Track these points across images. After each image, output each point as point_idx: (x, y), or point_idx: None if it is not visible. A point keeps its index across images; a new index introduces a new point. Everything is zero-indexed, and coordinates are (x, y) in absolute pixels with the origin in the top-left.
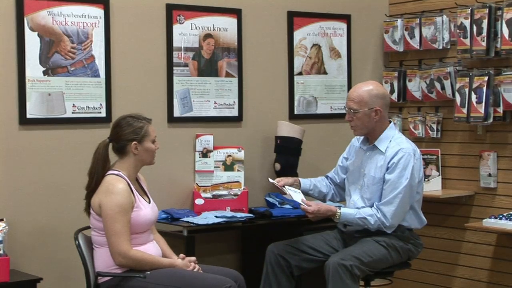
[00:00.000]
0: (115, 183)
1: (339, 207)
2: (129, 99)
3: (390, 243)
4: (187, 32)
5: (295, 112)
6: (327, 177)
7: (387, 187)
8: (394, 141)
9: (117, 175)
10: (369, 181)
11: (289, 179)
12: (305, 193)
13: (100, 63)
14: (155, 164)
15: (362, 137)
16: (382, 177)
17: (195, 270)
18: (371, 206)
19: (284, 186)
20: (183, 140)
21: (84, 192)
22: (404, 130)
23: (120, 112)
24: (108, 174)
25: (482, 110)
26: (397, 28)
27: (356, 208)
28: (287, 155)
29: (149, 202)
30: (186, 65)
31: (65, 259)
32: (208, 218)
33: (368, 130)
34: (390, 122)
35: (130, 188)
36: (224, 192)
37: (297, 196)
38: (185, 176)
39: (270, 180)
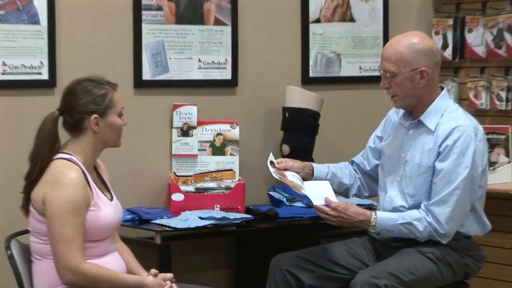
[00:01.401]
0: (66, 171)
1: (374, 210)
2: (80, 56)
3: (440, 256)
4: None
5: (311, 75)
6: (352, 162)
7: (439, 180)
8: (448, 116)
9: (68, 160)
10: (412, 171)
11: (296, 163)
12: None
13: (40, 4)
14: (119, 148)
15: (402, 111)
16: (431, 166)
17: None
18: (416, 206)
19: (285, 172)
20: (155, 113)
21: (21, 183)
22: (461, 100)
23: (68, 73)
24: (57, 159)
25: None
26: None
27: (393, 208)
28: (299, 134)
29: (111, 199)
30: (159, 8)
31: None
32: (190, 220)
33: (412, 100)
34: (442, 88)
35: (86, 179)
36: (212, 185)
37: (306, 188)
38: (158, 163)
39: (270, 158)
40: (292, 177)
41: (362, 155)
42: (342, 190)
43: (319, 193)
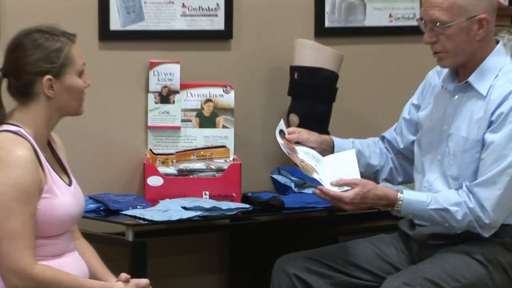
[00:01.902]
0: (11, 147)
1: (400, 190)
2: (29, 0)
3: (491, 257)
4: None
5: (326, 24)
6: (383, 139)
7: (488, 156)
8: (504, 77)
9: (15, 133)
10: (457, 147)
11: (312, 135)
12: None
13: None
14: (79, 118)
15: (445, 71)
16: (480, 139)
17: None
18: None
19: (296, 146)
20: (126, 73)
21: None
22: None
23: (10, 21)
24: (0, 132)
25: None
26: None
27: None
28: (311, 101)
29: (70, 184)
30: None
31: None
32: (171, 210)
33: (464, 57)
34: (497, 42)
35: (38, 157)
36: (200, 166)
37: (324, 165)
38: (129, 137)
39: (279, 127)
40: (304, 155)
41: (395, 129)
42: (370, 174)
43: (339, 173)
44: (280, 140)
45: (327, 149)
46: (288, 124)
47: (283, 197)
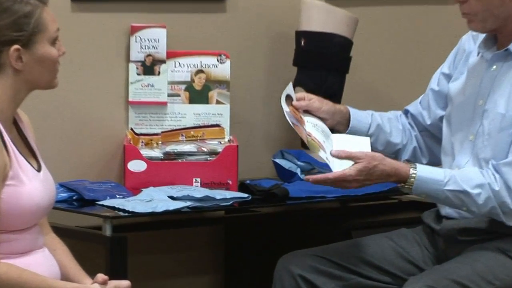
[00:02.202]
0: None
1: (412, 164)
2: None
3: None
4: None
5: None
6: (406, 113)
7: None
8: None
9: None
10: (493, 125)
11: (325, 104)
12: None
13: None
14: (48, 92)
15: (482, 36)
16: None
17: None
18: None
19: (304, 116)
20: (104, 40)
21: None
22: None
23: None
24: None
25: None
26: None
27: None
28: (321, 72)
29: (39, 170)
30: None
31: None
32: (156, 200)
33: (497, 22)
34: None
35: (2, 138)
36: (189, 148)
37: (332, 144)
38: (107, 115)
39: (287, 91)
40: (312, 128)
41: (421, 103)
42: (390, 153)
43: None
44: (285, 107)
45: (341, 122)
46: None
47: (287, 185)
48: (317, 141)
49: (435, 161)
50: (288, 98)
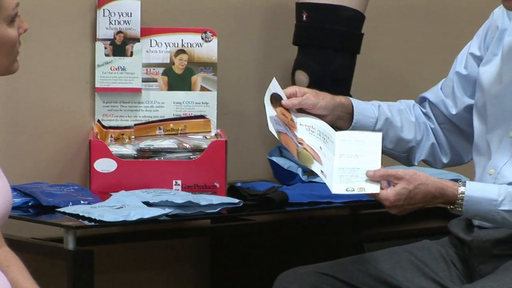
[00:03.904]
0: None
1: (461, 183)
2: None
3: None
4: None
5: None
6: (422, 101)
7: None
8: None
9: None
10: None
11: (321, 99)
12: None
13: None
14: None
15: None
16: None
17: None
18: None
19: (296, 118)
20: (66, 13)
21: None
22: None
23: None
24: None
25: None
26: None
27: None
28: (327, 52)
29: None
30: None
31: None
32: (128, 207)
33: None
34: None
35: None
36: (169, 144)
37: (325, 150)
38: (69, 103)
39: (271, 88)
40: (305, 132)
41: (443, 89)
42: (401, 151)
43: (353, 164)
44: (270, 111)
45: (342, 117)
46: (291, 84)
47: (286, 189)
48: (311, 150)
49: (458, 160)
50: (274, 97)
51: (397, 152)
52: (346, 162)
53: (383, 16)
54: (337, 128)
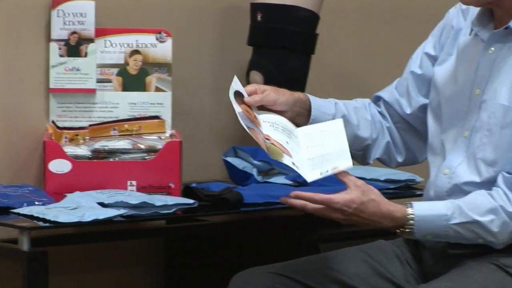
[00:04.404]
0: None
1: (408, 204)
2: None
3: None
4: None
5: None
6: (377, 100)
7: None
8: None
9: None
10: (494, 119)
11: (281, 95)
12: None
13: None
14: None
15: (474, 10)
16: None
17: None
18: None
19: (259, 115)
20: (19, 13)
21: None
22: None
23: None
24: None
25: None
26: None
27: (454, 186)
28: (282, 52)
29: None
30: None
31: None
32: (83, 208)
33: None
34: None
35: None
36: (123, 144)
37: (291, 144)
38: (23, 105)
39: (233, 86)
40: (269, 128)
41: (397, 88)
42: (357, 149)
43: (321, 153)
44: (237, 108)
45: (300, 113)
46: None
47: (241, 189)
48: (278, 144)
49: (412, 159)
50: (238, 95)
51: (353, 150)
52: (313, 151)
53: (337, 16)
54: (296, 125)
